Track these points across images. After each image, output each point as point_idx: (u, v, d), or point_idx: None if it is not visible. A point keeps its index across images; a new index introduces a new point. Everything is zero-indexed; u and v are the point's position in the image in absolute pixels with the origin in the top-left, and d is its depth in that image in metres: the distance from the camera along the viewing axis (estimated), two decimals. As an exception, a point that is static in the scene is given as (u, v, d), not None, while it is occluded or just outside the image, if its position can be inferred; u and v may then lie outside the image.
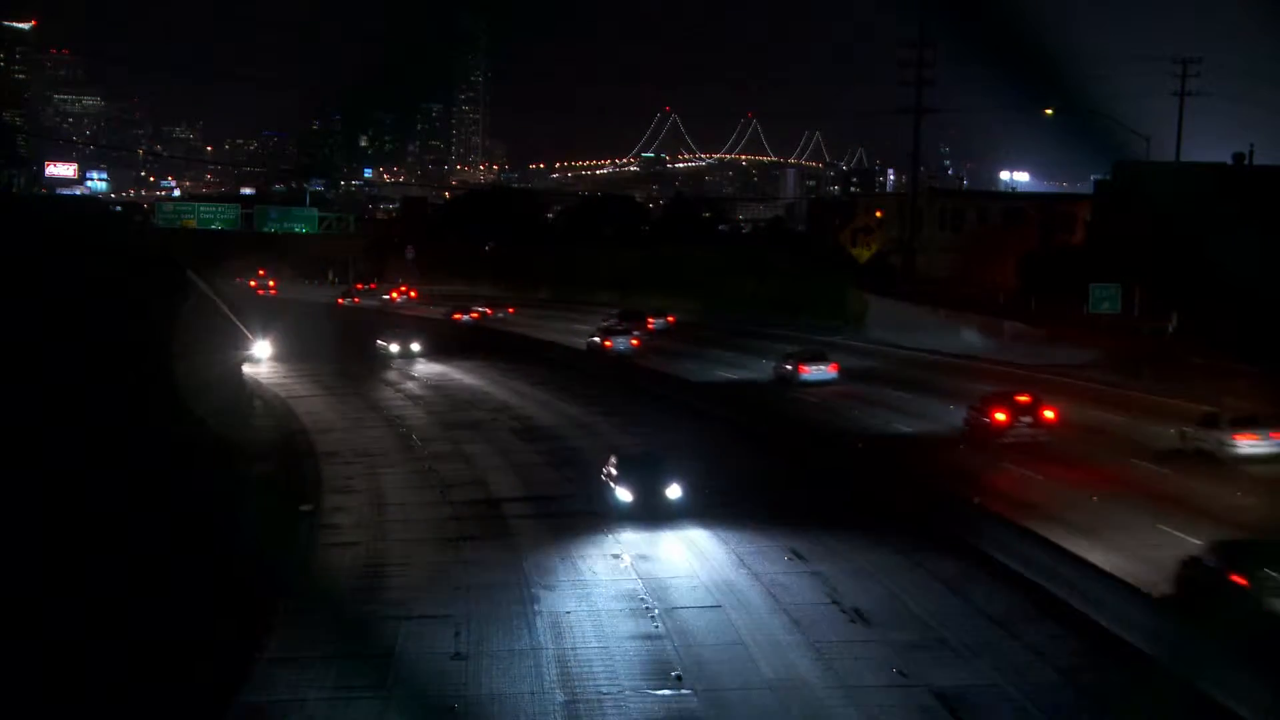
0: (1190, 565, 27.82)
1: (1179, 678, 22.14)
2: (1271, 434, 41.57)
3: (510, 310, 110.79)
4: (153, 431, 33.95)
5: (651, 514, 36.00)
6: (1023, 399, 46.99)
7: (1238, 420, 42.34)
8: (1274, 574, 25.17)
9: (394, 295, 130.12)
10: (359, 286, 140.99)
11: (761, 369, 68.56)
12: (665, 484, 36.62)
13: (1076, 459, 42.99)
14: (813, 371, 63.21)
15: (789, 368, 64.39)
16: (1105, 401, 53.89)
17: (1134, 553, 31.36)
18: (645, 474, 37.11)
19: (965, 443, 46.78)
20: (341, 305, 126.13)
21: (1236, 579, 25.73)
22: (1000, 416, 45.96)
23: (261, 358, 77.89)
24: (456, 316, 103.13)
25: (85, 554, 26.29)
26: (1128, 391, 56.20)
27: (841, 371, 64.13)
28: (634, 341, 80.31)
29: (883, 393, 59.72)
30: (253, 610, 27.85)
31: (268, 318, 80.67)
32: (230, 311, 59.06)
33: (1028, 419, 46.12)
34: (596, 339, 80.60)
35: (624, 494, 36.63)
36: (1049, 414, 46.40)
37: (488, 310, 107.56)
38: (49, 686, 22.03)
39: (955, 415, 49.89)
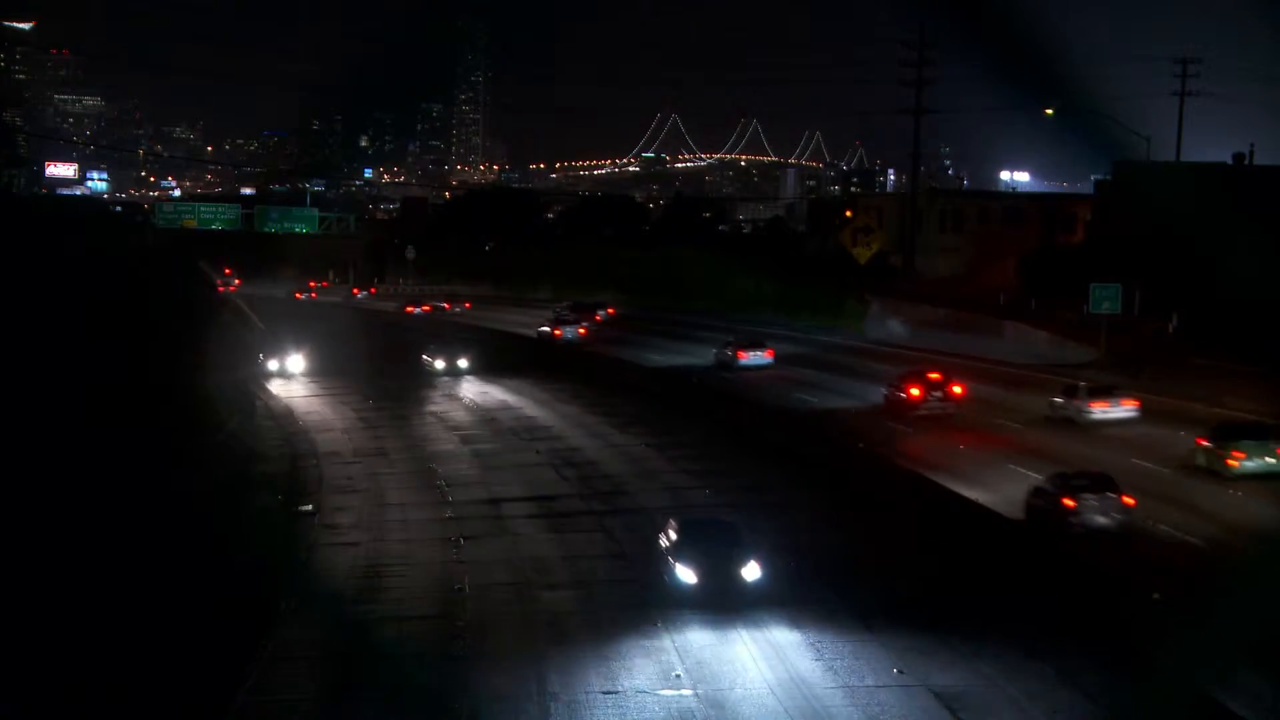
0: (1035, 494, 34.57)
1: (1180, 677, 22.12)
2: (1122, 401, 48.35)
3: (466, 305, 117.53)
4: (156, 432, 33.93)
5: (721, 598, 28.33)
6: (934, 376, 52.83)
7: (1094, 390, 49.03)
8: (1091, 498, 32.82)
9: (355, 291, 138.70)
10: (311, 285, 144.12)
11: (704, 355, 72.91)
12: (741, 561, 28.86)
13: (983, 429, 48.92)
14: (750, 357, 68.78)
15: (729, 353, 70.00)
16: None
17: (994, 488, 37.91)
18: (713, 547, 29.29)
19: (883, 415, 52.33)
20: (299, 298, 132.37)
21: (1066, 501, 32.99)
22: (914, 392, 51.64)
23: (294, 372, 73.52)
24: (409, 310, 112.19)
25: (85, 552, 26.26)
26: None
27: (777, 357, 69.46)
28: (581, 330, 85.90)
29: (819, 376, 64.44)
30: (253, 610, 27.83)
31: (299, 326, 79.53)
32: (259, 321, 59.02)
33: (938, 394, 51.89)
34: (546, 328, 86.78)
35: (686, 573, 28.71)
36: (957, 390, 52.19)
37: (445, 305, 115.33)
38: (49, 686, 22.01)
39: (879, 394, 55.14)
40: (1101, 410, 48.09)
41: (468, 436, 53.25)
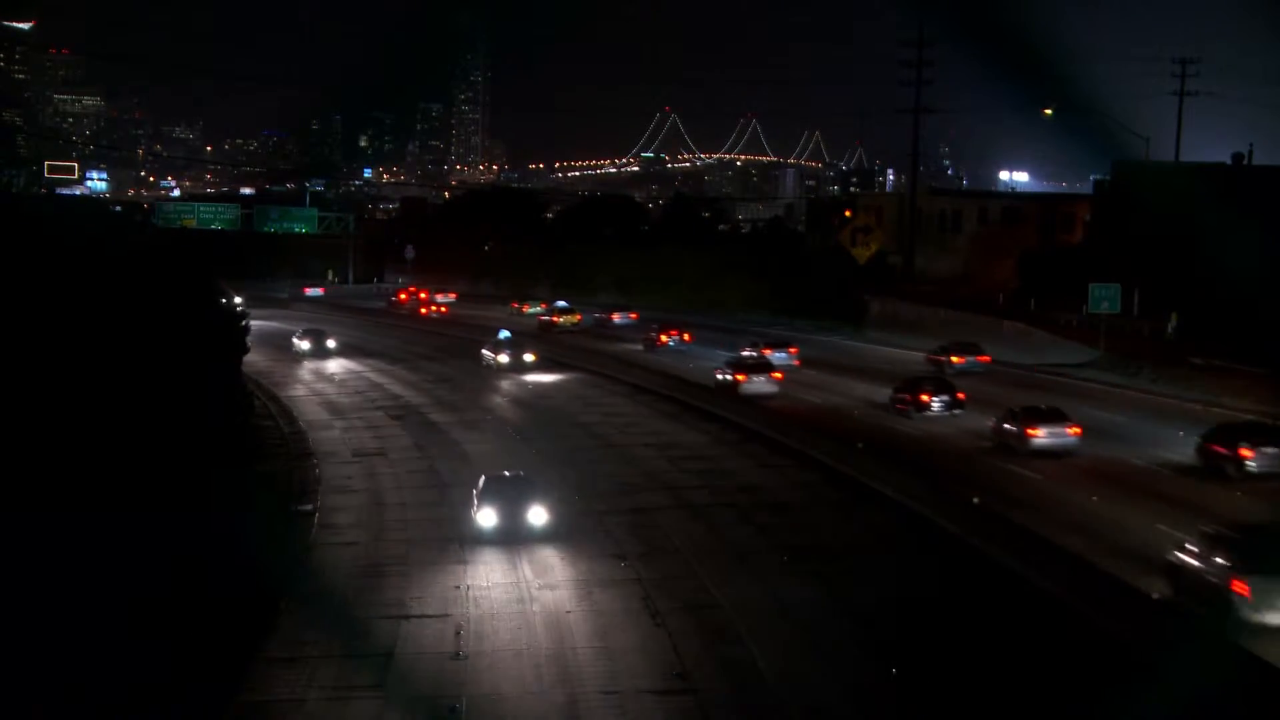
0: None
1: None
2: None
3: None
4: (156, 431, 33.90)
5: None
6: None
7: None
8: None
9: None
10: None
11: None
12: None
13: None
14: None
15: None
16: (1100, 399, 53.91)
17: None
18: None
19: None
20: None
21: None
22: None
23: None
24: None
25: (84, 552, 26.24)
26: (1126, 391, 56.29)
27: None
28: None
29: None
30: (253, 610, 27.81)
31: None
32: None
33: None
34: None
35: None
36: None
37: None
38: (48, 686, 22.01)
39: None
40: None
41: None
